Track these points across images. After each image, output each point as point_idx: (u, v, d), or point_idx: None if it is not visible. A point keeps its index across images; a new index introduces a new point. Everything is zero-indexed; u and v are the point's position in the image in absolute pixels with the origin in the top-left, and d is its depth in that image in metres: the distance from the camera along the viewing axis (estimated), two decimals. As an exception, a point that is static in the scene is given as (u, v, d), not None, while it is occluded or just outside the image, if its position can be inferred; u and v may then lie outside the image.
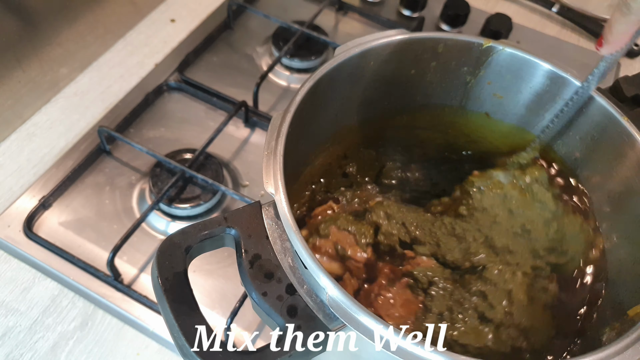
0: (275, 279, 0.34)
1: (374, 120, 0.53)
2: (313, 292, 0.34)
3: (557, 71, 0.45)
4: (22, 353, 0.50)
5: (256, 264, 0.35)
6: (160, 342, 0.51)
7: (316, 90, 0.43)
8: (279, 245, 0.36)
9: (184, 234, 0.36)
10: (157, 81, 0.69)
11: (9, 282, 0.53)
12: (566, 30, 0.85)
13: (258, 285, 0.34)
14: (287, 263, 0.35)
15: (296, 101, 0.41)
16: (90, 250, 0.55)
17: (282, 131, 0.39)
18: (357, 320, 0.31)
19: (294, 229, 0.34)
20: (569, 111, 0.45)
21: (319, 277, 0.33)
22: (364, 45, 0.45)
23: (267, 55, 0.75)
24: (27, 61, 0.63)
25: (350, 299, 0.32)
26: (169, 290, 0.33)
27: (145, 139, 0.65)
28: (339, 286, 0.32)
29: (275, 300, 0.34)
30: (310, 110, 0.43)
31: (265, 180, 0.37)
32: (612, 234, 0.45)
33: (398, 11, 0.82)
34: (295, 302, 0.34)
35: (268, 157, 0.38)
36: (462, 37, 0.47)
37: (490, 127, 0.52)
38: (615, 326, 0.38)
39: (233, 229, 0.36)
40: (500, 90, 0.49)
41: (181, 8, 0.80)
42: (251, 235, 0.36)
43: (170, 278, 0.34)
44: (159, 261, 0.34)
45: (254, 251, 0.35)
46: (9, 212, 0.57)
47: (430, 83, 0.50)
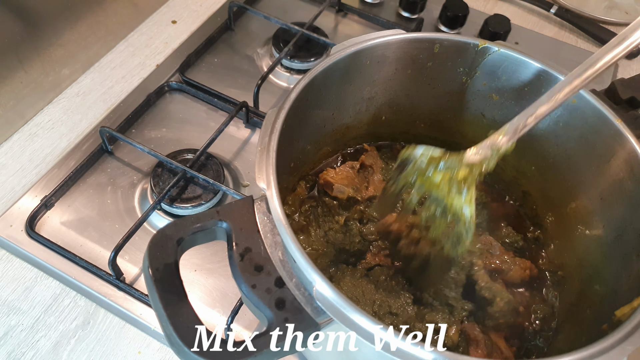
0: (264, 272, 0.35)
1: (370, 119, 0.53)
2: (302, 286, 0.35)
3: (552, 72, 0.45)
4: (24, 352, 0.50)
5: (246, 257, 0.35)
6: (162, 340, 0.51)
7: (311, 88, 0.43)
8: (269, 239, 0.36)
9: (176, 226, 0.36)
10: (158, 82, 0.70)
11: (11, 281, 0.54)
12: (564, 31, 0.85)
13: (247, 277, 0.35)
14: (277, 257, 0.36)
15: (291, 98, 0.41)
16: (92, 249, 0.56)
17: (276, 128, 0.39)
18: (343, 314, 0.32)
19: (285, 223, 0.35)
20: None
21: (308, 272, 0.33)
22: (360, 44, 0.45)
23: (267, 57, 0.76)
24: (30, 62, 0.63)
25: (337, 293, 0.32)
26: (159, 281, 0.34)
27: (147, 139, 0.65)
28: (326, 280, 0.33)
29: (264, 292, 0.34)
30: (305, 108, 0.44)
31: (258, 175, 0.37)
32: (601, 231, 0.45)
33: (397, 13, 0.82)
34: (284, 295, 0.34)
35: (261, 152, 0.38)
36: (458, 38, 0.47)
37: (486, 127, 0.52)
38: (603, 327, 0.38)
39: (225, 222, 0.36)
40: (496, 91, 0.49)
41: (182, 9, 0.81)
42: (242, 228, 0.36)
43: (161, 269, 0.34)
44: (151, 252, 0.34)
45: (245, 244, 0.36)
46: (12, 211, 0.57)
47: (427, 83, 0.50)
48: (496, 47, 0.46)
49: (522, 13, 0.87)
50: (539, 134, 0.49)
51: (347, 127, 0.52)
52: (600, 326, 0.38)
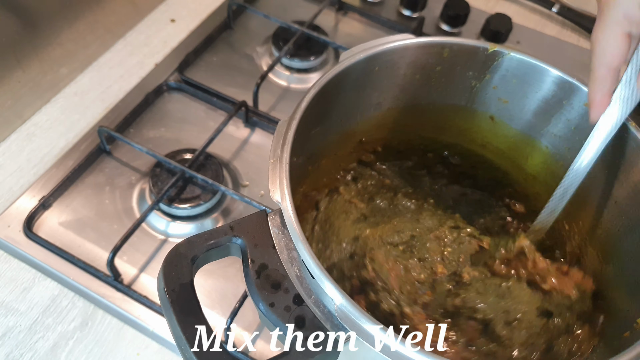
0: (282, 290, 0.34)
1: (378, 124, 0.53)
2: (321, 302, 0.34)
3: (563, 76, 0.45)
4: (22, 353, 0.50)
5: (263, 274, 0.34)
6: (160, 342, 0.51)
7: (322, 96, 0.42)
8: (285, 254, 0.35)
9: (190, 243, 0.35)
10: (157, 81, 0.69)
11: (9, 282, 0.53)
12: (566, 30, 0.85)
13: (265, 295, 0.34)
14: (294, 273, 0.34)
15: (302, 108, 0.40)
16: (90, 250, 0.55)
17: (288, 138, 0.38)
18: (365, 331, 0.31)
19: (301, 237, 0.34)
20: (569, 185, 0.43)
21: (327, 287, 0.32)
22: (369, 50, 0.44)
23: (267, 55, 0.75)
24: (27, 61, 0.63)
25: (358, 310, 0.31)
26: (175, 302, 0.33)
27: (145, 139, 0.65)
28: (347, 296, 0.32)
29: (283, 311, 0.33)
30: (315, 116, 0.43)
31: (272, 189, 0.36)
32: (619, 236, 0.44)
33: (398, 11, 0.82)
34: (303, 312, 0.33)
35: (274, 164, 0.37)
36: (467, 42, 0.47)
37: (495, 131, 0.51)
38: (625, 335, 0.37)
39: (239, 238, 0.35)
40: (506, 94, 0.49)
41: (181, 8, 0.80)
42: (257, 244, 0.35)
43: (177, 289, 0.33)
44: (166, 272, 0.33)
45: (261, 261, 0.35)
46: (9, 212, 0.57)
47: (435, 87, 0.50)
48: (506, 51, 0.46)
49: (524, 12, 0.87)
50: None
51: (354, 134, 0.51)
52: (622, 334, 0.38)
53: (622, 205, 0.44)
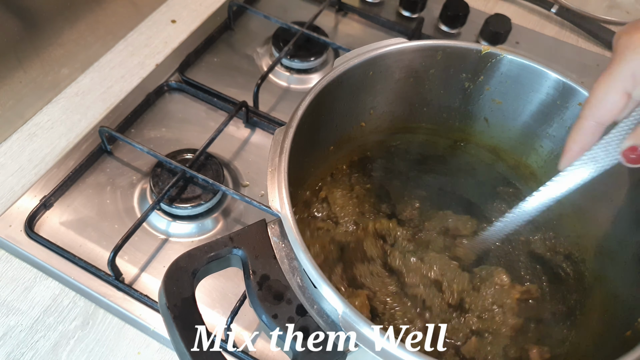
0: (285, 300, 0.34)
1: (373, 128, 0.53)
2: (324, 312, 0.33)
3: (557, 76, 0.45)
4: (23, 352, 0.50)
5: (265, 285, 0.34)
6: (161, 341, 0.51)
7: (317, 103, 0.42)
8: (286, 264, 0.35)
9: (190, 257, 0.35)
10: (157, 81, 0.70)
11: (10, 282, 0.53)
12: (565, 30, 0.85)
13: (268, 307, 0.33)
14: (295, 283, 0.34)
15: (298, 115, 0.40)
16: (91, 249, 0.55)
17: (285, 147, 0.38)
18: (370, 341, 0.31)
19: (302, 247, 0.33)
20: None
21: (330, 297, 0.32)
22: (363, 55, 0.45)
23: (267, 56, 0.76)
24: (29, 62, 0.63)
25: (363, 319, 0.31)
26: (178, 318, 0.32)
27: (146, 139, 0.65)
28: (350, 306, 0.31)
29: (287, 322, 0.33)
30: (311, 123, 0.43)
31: (271, 198, 0.36)
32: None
33: (397, 12, 0.82)
34: (307, 323, 0.33)
35: (272, 173, 0.37)
36: (460, 44, 0.47)
37: (490, 132, 0.52)
38: (627, 334, 0.37)
39: (240, 250, 0.35)
40: (500, 95, 0.49)
41: (182, 9, 0.80)
42: (258, 255, 0.35)
43: (179, 304, 0.33)
44: (167, 287, 0.33)
45: (262, 272, 0.34)
46: (10, 211, 0.57)
47: (429, 90, 0.50)
48: (499, 52, 0.46)
49: (523, 12, 0.87)
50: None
51: (350, 138, 0.51)
52: (624, 333, 0.37)
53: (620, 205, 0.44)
